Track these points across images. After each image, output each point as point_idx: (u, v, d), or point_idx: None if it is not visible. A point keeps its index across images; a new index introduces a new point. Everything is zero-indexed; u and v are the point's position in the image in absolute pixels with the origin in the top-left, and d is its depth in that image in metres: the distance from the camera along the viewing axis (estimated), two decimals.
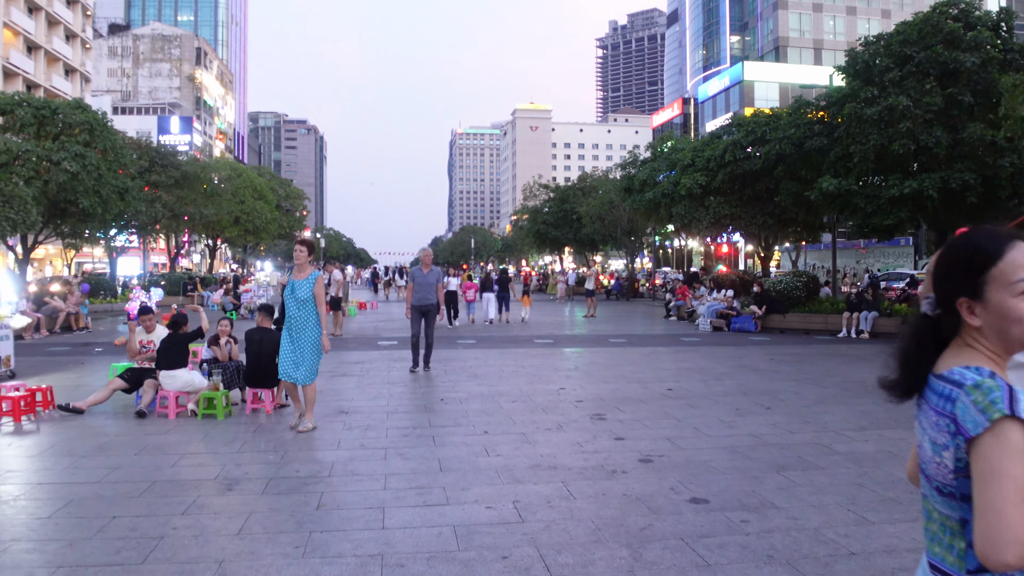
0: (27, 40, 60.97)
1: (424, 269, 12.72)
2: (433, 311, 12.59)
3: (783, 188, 23.95)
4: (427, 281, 12.49)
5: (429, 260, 12.90)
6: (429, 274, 12.60)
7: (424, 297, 12.44)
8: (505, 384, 11.27)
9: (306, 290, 8.13)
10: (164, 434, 8.05)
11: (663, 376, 12.18)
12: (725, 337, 19.52)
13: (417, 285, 12.57)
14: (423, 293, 12.46)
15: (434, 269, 12.82)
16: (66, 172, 23.38)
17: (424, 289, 12.47)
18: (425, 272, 12.62)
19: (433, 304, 12.53)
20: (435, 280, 12.61)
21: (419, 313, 12.49)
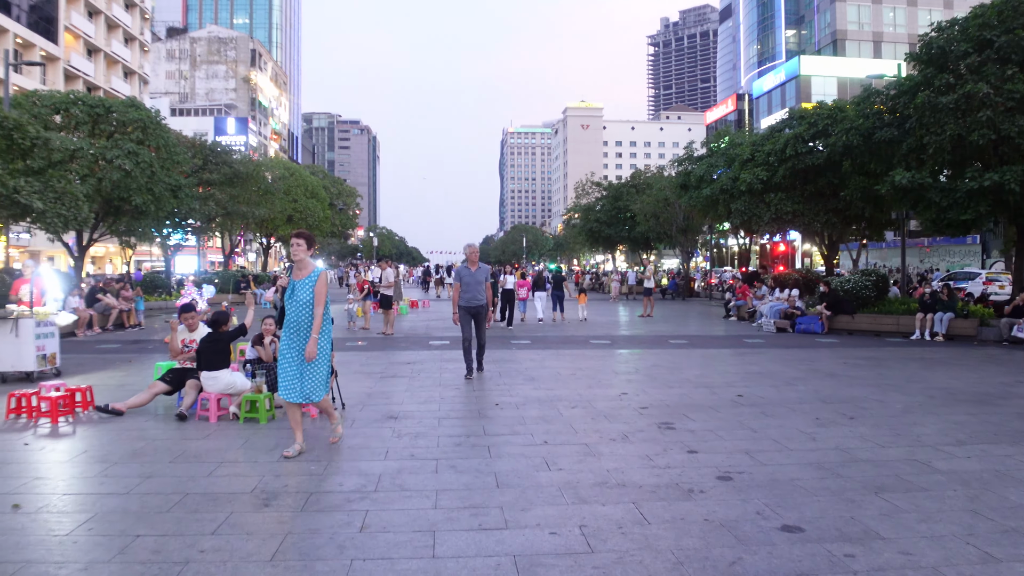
0: (87, 43, 62.15)
1: (471, 266, 11.74)
2: (483, 312, 11.73)
3: (850, 183, 22.86)
4: (475, 280, 11.60)
5: (476, 257, 11.88)
6: (477, 272, 11.68)
7: (473, 297, 11.57)
8: (563, 388, 10.63)
9: (308, 291, 6.83)
10: (203, 439, 7.58)
11: (731, 380, 11.40)
12: (790, 339, 18.60)
13: (465, 284, 11.64)
14: (472, 293, 11.58)
15: (482, 266, 11.84)
16: (120, 170, 23.35)
17: (472, 288, 11.58)
18: (473, 270, 11.68)
19: (483, 304, 11.66)
20: (484, 278, 11.67)
21: (468, 315, 11.65)
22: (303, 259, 6.91)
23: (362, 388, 10.67)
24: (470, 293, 11.57)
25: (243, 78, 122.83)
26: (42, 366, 11.76)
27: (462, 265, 11.99)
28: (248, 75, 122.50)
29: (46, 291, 12.69)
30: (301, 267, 6.92)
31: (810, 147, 24.87)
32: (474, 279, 11.60)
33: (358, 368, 12.81)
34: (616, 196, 52.18)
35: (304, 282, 6.85)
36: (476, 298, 11.56)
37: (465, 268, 11.78)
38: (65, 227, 18.16)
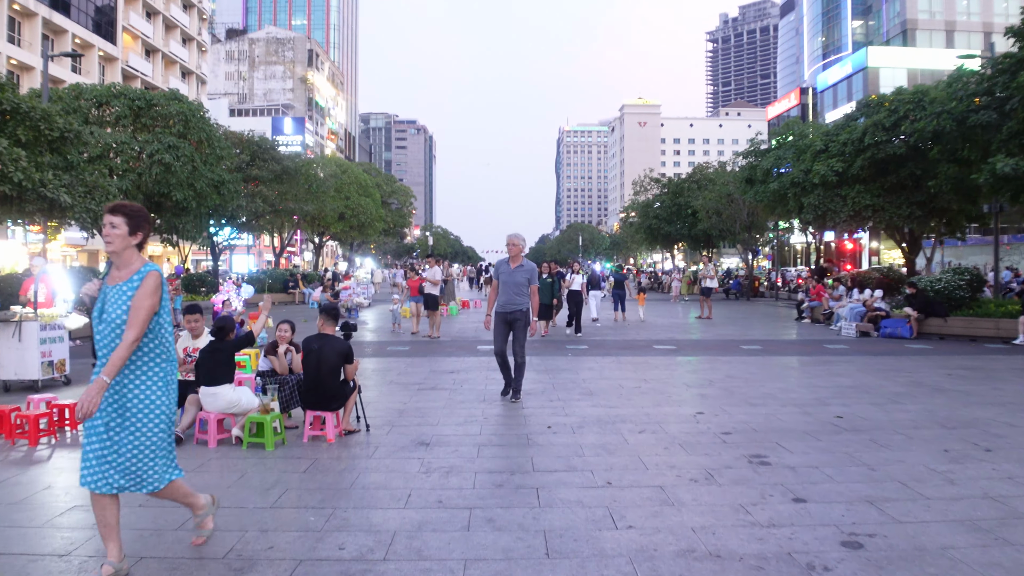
0: (145, 43, 62.44)
1: (512, 263, 9.67)
2: (523, 319, 9.48)
3: (940, 172, 20.81)
4: (515, 280, 9.52)
5: (518, 251, 9.68)
6: (517, 271, 9.55)
7: (511, 300, 9.48)
8: (627, 405, 9.11)
9: (122, 304, 4.02)
10: (193, 471, 6.27)
11: (823, 396, 9.75)
12: (876, 344, 16.74)
13: (502, 285, 9.59)
14: (509, 295, 9.50)
15: (526, 264, 9.65)
16: (159, 164, 22.50)
17: (511, 289, 9.51)
18: (512, 268, 9.60)
19: (522, 310, 9.47)
20: (526, 278, 9.55)
21: (503, 322, 9.53)
22: (123, 250, 4.14)
23: (394, 403, 9.32)
24: (507, 296, 9.53)
25: (300, 78, 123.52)
26: (49, 374, 10.67)
27: (501, 261, 9.92)
28: (305, 75, 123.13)
29: (56, 291, 11.62)
30: (120, 263, 4.16)
31: (891, 135, 22.83)
32: (513, 279, 9.54)
33: (395, 378, 11.47)
34: (676, 192, 50.29)
35: (119, 290, 4.07)
36: (513, 302, 9.48)
37: (504, 264, 9.78)
38: (95, 223, 17.24)
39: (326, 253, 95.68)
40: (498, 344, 9.58)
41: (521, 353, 9.49)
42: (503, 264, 9.75)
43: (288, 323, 8.33)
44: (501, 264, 9.80)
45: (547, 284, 18.05)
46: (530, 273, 9.59)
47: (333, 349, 7.38)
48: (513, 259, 9.68)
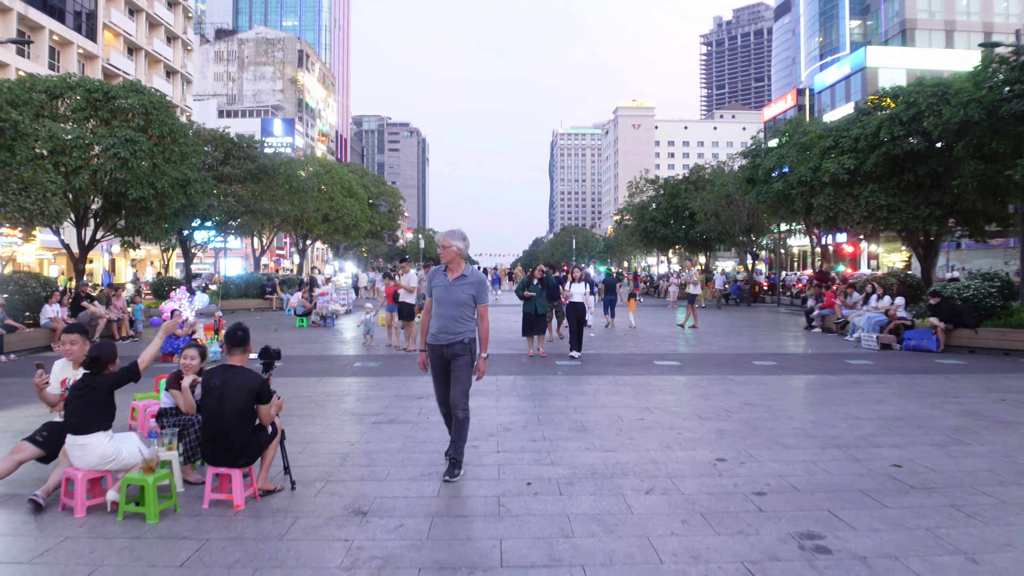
0: (127, 41, 60.66)
1: (449, 274, 6.54)
2: (466, 355, 6.41)
3: (964, 169, 19.07)
4: (453, 297, 6.44)
5: (456, 256, 6.53)
6: (457, 284, 6.47)
7: (447, 328, 6.42)
8: (628, 447, 7.31)
9: None
10: (27, 563, 4.48)
11: (867, 433, 7.97)
12: (902, 359, 14.98)
13: (436, 304, 6.54)
14: (446, 320, 6.43)
15: (470, 274, 6.57)
16: (115, 160, 20.64)
17: (449, 311, 6.43)
18: (451, 280, 6.50)
19: (463, 342, 6.41)
20: (469, 295, 6.46)
21: (439, 359, 6.50)
22: None
23: (340, 443, 7.51)
24: (442, 320, 6.43)
25: (290, 79, 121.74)
26: None
27: (435, 271, 6.68)
28: (295, 76, 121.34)
29: None
30: None
31: (908, 129, 21.08)
32: (450, 296, 6.44)
33: (351, 405, 9.65)
34: (673, 194, 48.60)
35: None
36: (451, 329, 6.40)
37: (439, 275, 6.59)
38: (29, 222, 15.43)
39: (316, 256, 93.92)
40: (440, 391, 6.61)
41: (463, 405, 6.38)
42: (437, 275, 6.59)
43: (195, 348, 6.51)
44: (435, 275, 6.62)
45: (536, 290, 15.29)
46: (476, 287, 6.50)
47: (240, 386, 5.56)
48: (450, 267, 6.53)
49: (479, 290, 6.54)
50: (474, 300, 6.53)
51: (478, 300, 6.55)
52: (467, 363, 6.46)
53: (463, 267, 6.59)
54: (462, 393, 6.41)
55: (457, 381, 6.43)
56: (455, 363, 6.46)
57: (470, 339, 6.49)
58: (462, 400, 6.40)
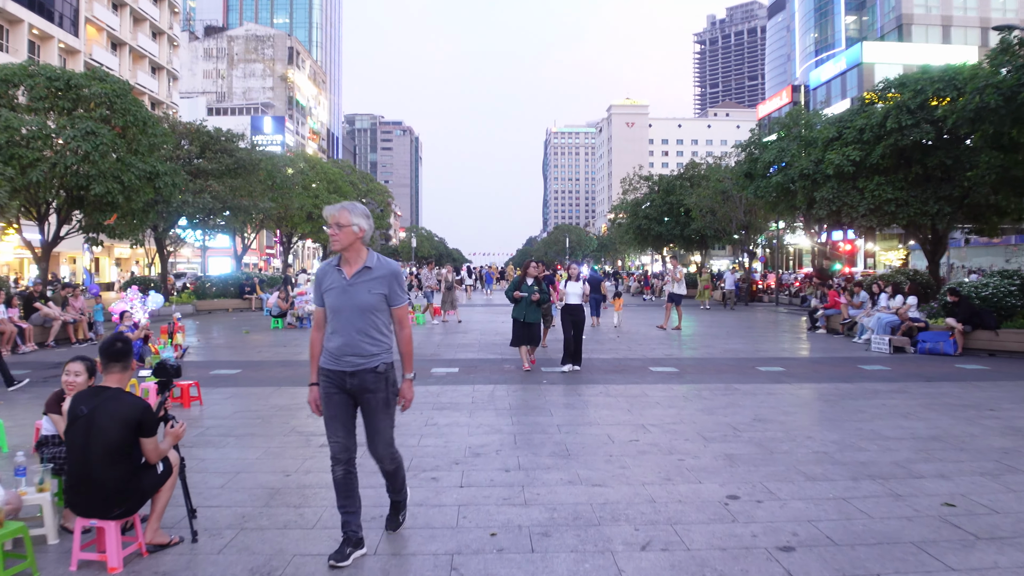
0: (111, 36, 59.28)
1: (345, 267, 4.54)
2: (382, 389, 4.53)
3: (981, 161, 17.86)
4: (356, 302, 4.49)
5: (354, 240, 4.50)
6: (362, 281, 4.50)
7: (352, 344, 4.48)
8: (620, 480, 6.03)
9: None
10: None
11: (903, 459, 6.72)
12: (920, 363, 13.76)
13: (331, 313, 4.54)
14: (349, 334, 4.47)
15: (378, 267, 4.54)
16: (75, 153, 19.33)
17: (353, 321, 4.48)
18: (349, 276, 4.50)
19: (376, 369, 4.50)
20: (379, 294, 4.52)
21: (339, 392, 4.55)
22: None
23: (275, 474, 6.24)
24: (345, 335, 4.48)
25: (280, 76, 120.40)
26: None
27: (325, 266, 4.65)
28: (285, 73, 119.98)
29: None
30: None
31: (916, 119, 19.87)
32: (353, 301, 4.47)
33: (300, 423, 8.36)
34: (667, 190, 47.35)
35: None
36: (358, 348, 4.47)
37: (331, 272, 4.57)
38: None
39: (307, 255, 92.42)
40: (337, 437, 4.56)
41: (388, 453, 4.67)
42: (328, 273, 4.56)
43: (81, 361, 5.22)
44: (324, 273, 4.58)
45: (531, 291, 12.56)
46: (387, 281, 4.51)
47: (114, 414, 4.28)
48: (346, 259, 4.53)
49: (392, 286, 4.51)
50: (387, 302, 4.53)
51: (392, 301, 4.54)
52: (385, 402, 4.51)
53: (365, 256, 4.52)
54: (386, 443, 4.62)
55: (376, 430, 4.55)
56: (367, 402, 4.49)
57: (386, 364, 4.51)
58: (387, 451, 4.65)
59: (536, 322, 12.76)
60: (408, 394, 4.67)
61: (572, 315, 12.65)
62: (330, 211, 4.51)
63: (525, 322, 12.61)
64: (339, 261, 4.57)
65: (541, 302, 12.57)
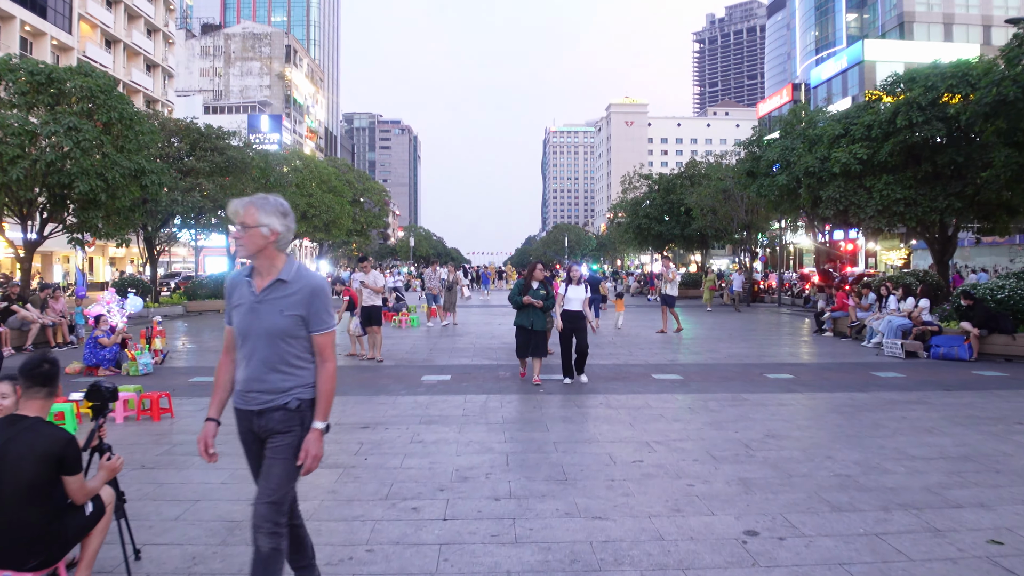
0: (105, 33, 58.65)
1: (257, 279, 3.58)
2: (290, 430, 3.52)
3: (995, 157, 17.22)
4: (265, 324, 3.51)
5: (270, 243, 3.53)
6: (269, 298, 3.53)
7: (258, 378, 3.52)
8: (623, 511, 5.37)
9: None
10: None
11: (933, 482, 6.09)
12: (935, 370, 13.12)
13: (240, 339, 3.60)
14: (254, 367, 3.52)
15: (297, 276, 3.56)
16: (56, 150, 18.69)
17: (259, 349, 3.52)
18: (259, 288, 3.55)
19: (288, 406, 3.52)
20: (293, 316, 3.51)
21: (250, 436, 3.63)
22: None
23: (236, 504, 5.57)
24: (249, 367, 3.55)
25: (277, 75, 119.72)
26: None
27: (238, 275, 3.69)
28: (283, 72, 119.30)
29: None
30: None
31: (927, 115, 19.23)
32: (258, 320, 3.51)
33: None
34: (667, 189, 46.71)
35: None
36: (264, 381, 3.52)
37: (243, 285, 3.62)
38: None
39: (304, 255, 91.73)
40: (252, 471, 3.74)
41: (270, 524, 3.42)
42: (238, 285, 3.65)
43: (9, 381, 4.56)
44: (235, 285, 3.68)
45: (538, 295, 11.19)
46: (306, 300, 3.55)
47: (32, 447, 3.61)
48: (258, 268, 3.61)
49: (313, 306, 3.53)
50: (304, 326, 3.54)
51: (312, 325, 3.54)
52: (289, 448, 3.50)
53: (281, 266, 3.57)
54: (269, 503, 3.42)
55: (267, 477, 3.47)
56: (270, 445, 3.52)
57: (299, 402, 3.53)
58: (270, 515, 3.40)
59: (543, 330, 11.36)
60: (313, 449, 3.51)
61: (572, 323, 11.27)
62: (235, 206, 3.56)
63: (533, 330, 11.14)
64: (251, 271, 3.64)
65: (545, 308, 11.22)
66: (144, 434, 7.99)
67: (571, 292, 11.42)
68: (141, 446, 7.44)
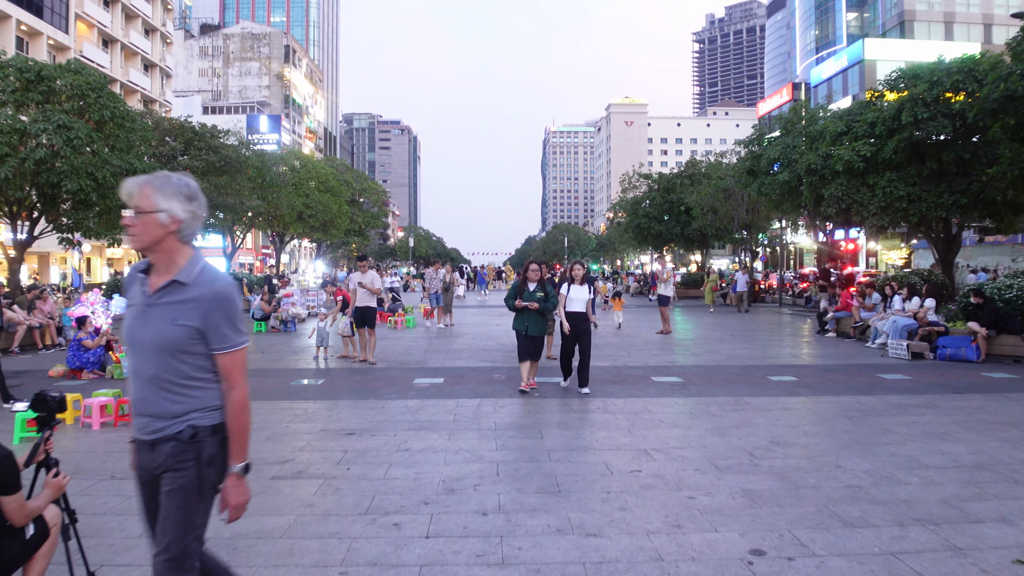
0: (102, 33, 58.31)
1: (153, 278, 2.95)
2: (185, 468, 2.87)
3: (1002, 154, 16.86)
4: (153, 334, 2.87)
5: (169, 233, 2.88)
6: (162, 302, 2.89)
7: (146, 401, 2.91)
8: (620, 527, 4.99)
9: None
10: None
11: (950, 494, 5.72)
12: (942, 372, 12.76)
13: (129, 350, 3.00)
14: (141, 386, 2.92)
15: (198, 278, 2.91)
16: (44, 148, 18.33)
17: (146, 364, 2.90)
18: (152, 289, 2.92)
19: (179, 436, 2.87)
20: (187, 327, 2.86)
21: (146, 475, 2.97)
22: None
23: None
24: (137, 387, 2.94)
25: (276, 75, 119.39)
26: None
27: (134, 270, 3.04)
28: (282, 72, 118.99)
29: None
30: None
31: (932, 111, 18.86)
32: (146, 328, 2.89)
33: (256, 446, 7.30)
34: (667, 188, 46.37)
35: None
36: (152, 405, 2.90)
37: (137, 283, 2.98)
38: None
39: (302, 254, 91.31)
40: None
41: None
42: (134, 281, 3.00)
43: None
44: (132, 281, 3.03)
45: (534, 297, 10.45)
46: (203, 309, 2.88)
47: None
48: (155, 264, 2.97)
49: (213, 317, 2.88)
50: (202, 339, 2.89)
51: (212, 340, 2.89)
52: (190, 489, 2.87)
53: (183, 263, 2.92)
54: (167, 560, 2.82)
55: (162, 529, 2.86)
56: (163, 488, 2.89)
57: (194, 430, 2.87)
58: (168, 573, 2.83)
59: (541, 335, 10.62)
60: (233, 498, 2.93)
61: (575, 325, 10.54)
62: (129, 187, 2.90)
63: (528, 335, 10.44)
64: (147, 266, 2.99)
65: (542, 312, 10.43)
66: (119, 441, 7.63)
67: (574, 292, 10.77)
68: (115, 455, 7.09)
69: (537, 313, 10.39)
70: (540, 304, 10.33)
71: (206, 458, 2.88)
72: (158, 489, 2.91)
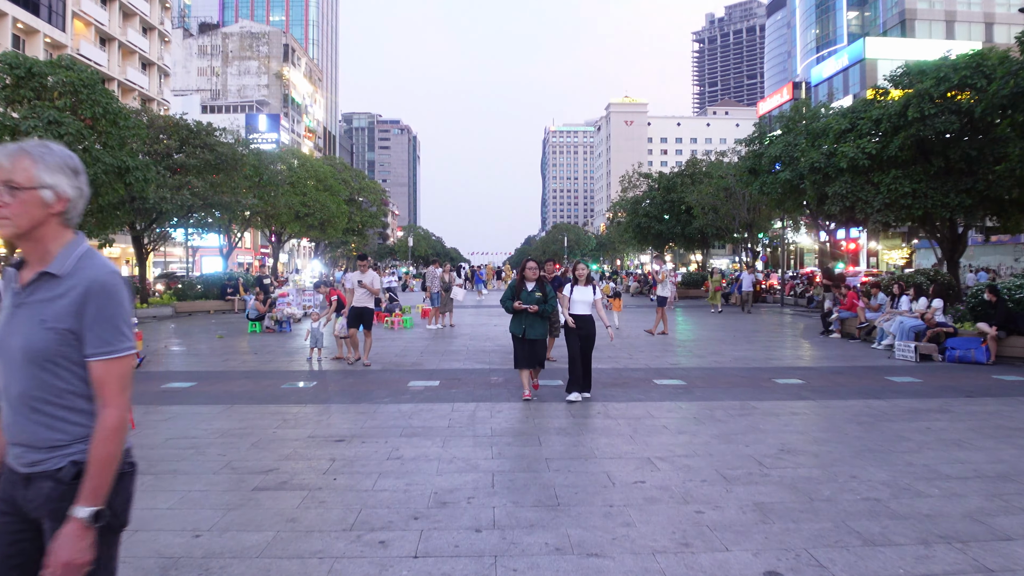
0: (99, 31, 57.98)
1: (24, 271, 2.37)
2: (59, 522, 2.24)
3: (1011, 151, 16.50)
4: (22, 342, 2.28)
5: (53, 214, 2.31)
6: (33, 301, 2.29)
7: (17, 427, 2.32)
8: (623, 546, 4.62)
9: None
10: None
11: (974, 507, 5.36)
12: (952, 374, 12.41)
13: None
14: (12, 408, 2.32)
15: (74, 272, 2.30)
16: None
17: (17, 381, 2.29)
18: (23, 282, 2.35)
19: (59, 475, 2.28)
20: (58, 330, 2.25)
21: (11, 509, 2.37)
22: None
23: (181, 535, 4.86)
24: (8, 408, 2.37)
25: (275, 74, 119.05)
26: None
27: (8, 267, 2.43)
28: (281, 71, 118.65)
29: None
30: None
31: (939, 107, 18.52)
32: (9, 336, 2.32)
33: (242, 455, 6.94)
34: (668, 187, 46.03)
35: None
36: (23, 432, 2.31)
37: (12, 280, 2.39)
38: None
39: (301, 253, 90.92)
40: None
41: None
42: (8, 277, 2.39)
43: None
44: (7, 277, 2.39)
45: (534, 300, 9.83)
46: (78, 305, 2.26)
47: None
48: (29, 256, 2.37)
49: (86, 314, 2.27)
50: (77, 343, 2.29)
51: (88, 344, 2.28)
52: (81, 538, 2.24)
53: (58, 251, 2.33)
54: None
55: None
56: (48, 535, 2.27)
57: (77, 468, 2.28)
58: None
59: (540, 338, 9.93)
60: (64, 554, 2.18)
61: (580, 328, 9.93)
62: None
63: (526, 339, 9.81)
64: (21, 261, 2.42)
65: (541, 313, 9.82)
66: None
67: (577, 294, 10.10)
68: None
69: (536, 315, 9.84)
70: (539, 306, 9.79)
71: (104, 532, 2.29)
72: (26, 533, 2.32)
